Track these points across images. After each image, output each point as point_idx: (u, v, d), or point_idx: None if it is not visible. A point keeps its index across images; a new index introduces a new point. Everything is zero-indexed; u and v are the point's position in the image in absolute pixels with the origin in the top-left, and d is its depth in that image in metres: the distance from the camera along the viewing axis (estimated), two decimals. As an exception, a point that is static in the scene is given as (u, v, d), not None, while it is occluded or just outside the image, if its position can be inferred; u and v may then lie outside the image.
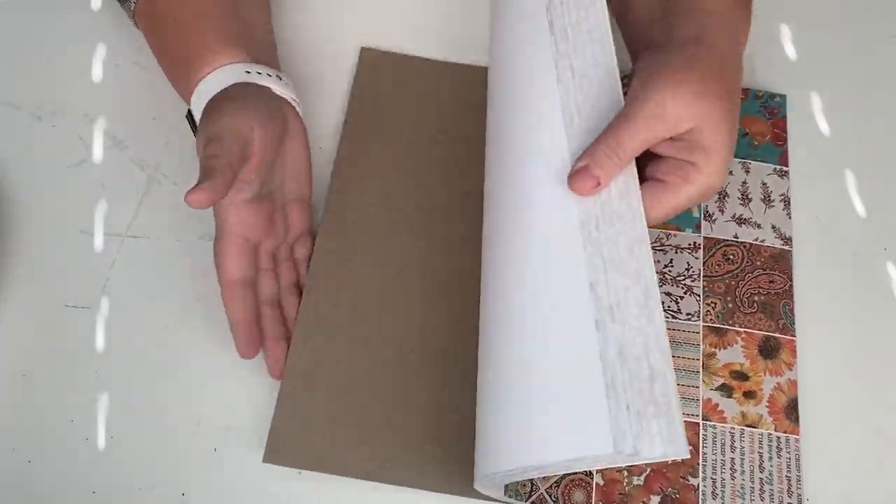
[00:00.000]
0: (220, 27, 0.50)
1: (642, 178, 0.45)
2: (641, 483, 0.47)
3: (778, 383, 0.50)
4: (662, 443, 0.38)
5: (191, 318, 0.51)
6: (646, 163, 0.46)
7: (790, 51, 0.61)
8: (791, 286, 0.53)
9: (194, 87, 0.49)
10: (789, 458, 0.48)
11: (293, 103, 0.52)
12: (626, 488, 0.47)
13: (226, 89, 0.48)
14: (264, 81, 0.50)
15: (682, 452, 0.38)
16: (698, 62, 0.43)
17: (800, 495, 0.48)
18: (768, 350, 0.51)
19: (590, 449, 0.38)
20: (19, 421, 0.49)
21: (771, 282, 0.53)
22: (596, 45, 0.46)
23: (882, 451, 0.49)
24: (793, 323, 0.52)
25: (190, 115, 0.51)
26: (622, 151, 0.43)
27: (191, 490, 0.48)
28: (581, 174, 0.43)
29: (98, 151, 0.57)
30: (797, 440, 0.49)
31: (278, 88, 0.50)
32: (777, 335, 0.51)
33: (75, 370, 0.50)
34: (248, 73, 0.49)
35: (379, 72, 0.59)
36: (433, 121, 0.57)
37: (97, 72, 0.60)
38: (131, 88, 0.53)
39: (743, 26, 0.47)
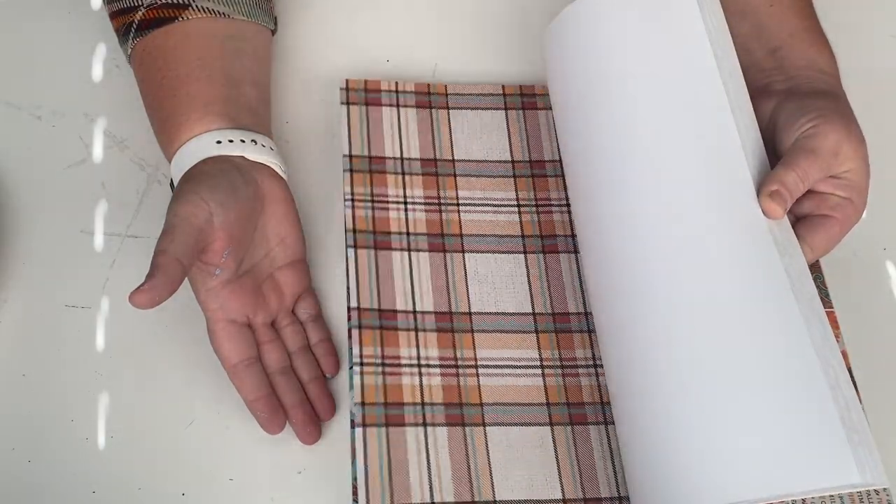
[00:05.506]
0: (200, 92, 0.49)
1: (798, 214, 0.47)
2: None
3: None
4: (871, 472, 0.38)
5: (191, 318, 0.50)
6: (801, 200, 0.46)
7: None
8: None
9: (173, 157, 0.49)
10: None
11: (272, 166, 0.50)
12: None
13: (191, 169, 0.48)
14: (236, 150, 0.49)
15: (883, 482, 0.38)
16: (849, 111, 0.48)
17: None
18: None
19: (838, 479, 0.37)
20: (19, 421, 0.49)
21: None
22: (741, 91, 0.47)
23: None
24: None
25: (172, 186, 0.50)
26: (807, 182, 0.45)
27: (191, 490, 0.48)
28: (777, 197, 0.43)
29: (98, 151, 0.57)
30: None
31: (253, 154, 0.49)
32: None
33: (75, 370, 0.50)
34: (220, 142, 0.48)
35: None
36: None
37: (97, 72, 0.60)
38: (131, 88, 0.53)
39: None
